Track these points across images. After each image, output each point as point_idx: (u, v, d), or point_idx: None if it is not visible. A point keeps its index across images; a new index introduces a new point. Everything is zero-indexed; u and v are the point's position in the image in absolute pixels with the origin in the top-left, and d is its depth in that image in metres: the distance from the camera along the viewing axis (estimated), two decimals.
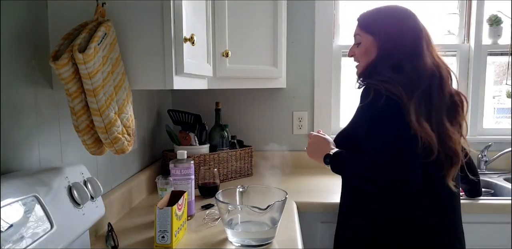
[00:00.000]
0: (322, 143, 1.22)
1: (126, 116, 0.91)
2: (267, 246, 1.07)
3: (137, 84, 0.93)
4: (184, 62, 0.96)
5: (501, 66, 2.14)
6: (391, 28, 1.13)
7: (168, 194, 1.16)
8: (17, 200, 0.68)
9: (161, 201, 1.09)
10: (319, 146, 1.21)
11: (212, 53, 1.39)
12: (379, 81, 1.03)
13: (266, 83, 1.81)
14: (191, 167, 1.29)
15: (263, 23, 1.71)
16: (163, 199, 1.12)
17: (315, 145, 1.23)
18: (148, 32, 0.91)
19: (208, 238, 1.13)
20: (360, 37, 1.18)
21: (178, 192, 1.16)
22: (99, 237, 1.13)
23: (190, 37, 0.96)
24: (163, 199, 1.12)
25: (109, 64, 0.85)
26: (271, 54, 1.76)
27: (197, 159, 1.67)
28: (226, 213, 1.07)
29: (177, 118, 1.80)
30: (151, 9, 0.90)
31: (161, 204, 1.06)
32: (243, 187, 1.19)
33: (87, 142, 0.88)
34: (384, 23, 1.15)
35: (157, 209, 1.02)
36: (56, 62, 0.78)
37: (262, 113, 2.11)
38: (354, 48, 1.21)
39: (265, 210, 1.01)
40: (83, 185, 0.88)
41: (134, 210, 1.39)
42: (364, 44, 1.17)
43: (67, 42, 0.84)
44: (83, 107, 0.84)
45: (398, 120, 0.99)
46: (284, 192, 1.12)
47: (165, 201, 1.12)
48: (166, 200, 1.12)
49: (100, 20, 0.86)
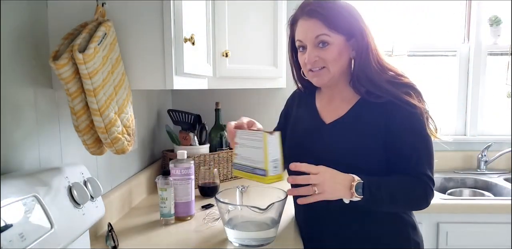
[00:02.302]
0: (337, 174, 0.92)
1: (126, 116, 0.91)
2: (267, 246, 1.07)
3: (137, 84, 0.93)
4: (184, 62, 0.96)
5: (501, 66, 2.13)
6: (361, 25, 1.00)
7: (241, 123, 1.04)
8: (17, 200, 0.68)
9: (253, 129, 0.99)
10: (335, 177, 0.91)
11: (212, 53, 1.39)
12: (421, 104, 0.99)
13: (266, 83, 1.81)
14: (191, 167, 1.29)
15: (263, 23, 1.71)
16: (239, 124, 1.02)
17: (332, 179, 0.91)
18: (148, 32, 0.91)
19: (208, 238, 1.13)
20: (329, 38, 0.99)
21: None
22: (99, 237, 1.13)
23: (190, 37, 0.96)
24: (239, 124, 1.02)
25: (109, 64, 0.85)
26: (271, 54, 1.76)
27: (197, 159, 1.67)
28: (226, 213, 1.07)
29: (177, 118, 1.80)
30: (151, 9, 0.90)
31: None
32: (243, 187, 1.19)
33: (87, 142, 0.88)
34: (354, 19, 1.00)
35: (268, 136, 0.89)
36: (56, 62, 0.78)
37: (262, 113, 2.11)
38: (316, 51, 1.00)
39: (265, 210, 1.01)
40: (83, 185, 0.88)
41: (134, 210, 1.39)
42: (337, 46, 0.99)
43: (67, 42, 0.84)
44: (83, 107, 0.84)
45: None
46: (284, 192, 1.12)
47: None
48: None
49: (100, 20, 0.86)
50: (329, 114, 1.10)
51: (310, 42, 1.01)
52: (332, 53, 1.00)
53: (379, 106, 1.00)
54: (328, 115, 1.10)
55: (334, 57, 1.00)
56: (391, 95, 0.98)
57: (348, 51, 1.02)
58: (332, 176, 0.90)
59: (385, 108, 1.00)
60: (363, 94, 1.03)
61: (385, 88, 0.99)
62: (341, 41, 1.00)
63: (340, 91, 1.09)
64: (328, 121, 1.09)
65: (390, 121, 0.99)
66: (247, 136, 0.98)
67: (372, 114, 1.01)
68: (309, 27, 1.00)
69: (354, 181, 0.90)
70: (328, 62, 1.01)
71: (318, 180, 0.89)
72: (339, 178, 0.91)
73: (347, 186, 0.90)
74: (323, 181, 0.89)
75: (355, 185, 0.90)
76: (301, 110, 1.19)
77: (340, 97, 1.09)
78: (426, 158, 1.00)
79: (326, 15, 0.98)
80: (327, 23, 0.98)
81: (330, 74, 1.02)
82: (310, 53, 1.01)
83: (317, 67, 1.02)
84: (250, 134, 0.97)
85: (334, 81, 1.05)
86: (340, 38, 1.00)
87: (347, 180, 0.91)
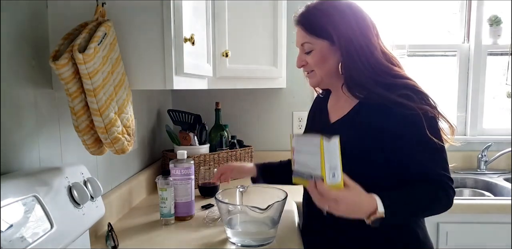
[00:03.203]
0: (356, 203, 0.87)
1: (126, 116, 0.91)
2: (267, 246, 1.07)
3: (137, 84, 0.93)
4: (184, 62, 0.96)
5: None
6: (347, 28, 0.98)
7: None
8: (17, 200, 0.68)
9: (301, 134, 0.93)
10: (355, 206, 0.87)
11: (212, 53, 1.39)
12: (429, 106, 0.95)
13: (266, 83, 1.81)
14: (191, 167, 1.29)
15: (263, 23, 1.71)
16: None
17: (349, 208, 0.87)
18: (148, 32, 0.91)
19: (208, 238, 1.13)
20: (311, 45, 1.02)
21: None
22: (99, 237, 1.13)
23: (190, 37, 0.96)
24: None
25: (109, 64, 0.85)
26: (271, 54, 1.76)
27: (197, 159, 1.67)
28: (226, 213, 1.07)
29: (177, 118, 1.80)
30: (151, 9, 0.90)
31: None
32: (243, 187, 1.19)
33: (87, 142, 0.88)
34: (337, 22, 0.99)
35: (325, 141, 0.83)
36: (56, 62, 0.78)
37: (262, 113, 2.11)
38: (304, 56, 1.05)
39: (265, 210, 1.01)
40: (83, 185, 0.88)
41: (134, 210, 1.39)
42: (319, 51, 1.01)
43: (67, 42, 0.84)
44: (83, 107, 0.84)
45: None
46: (284, 192, 1.12)
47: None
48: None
49: (100, 20, 0.86)
50: (335, 113, 1.11)
51: (300, 48, 1.07)
52: (315, 58, 1.03)
53: (374, 109, 0.98)
54: (334, 114, 1.11)
55: (316, 62, 1.03)
56: (385, 99, 0.96)
57: (335, 55, 1.01)
58: (350, 205, 0.85)
59: (379, 111, 0.97)
60: (357, 97, 1.02)
61: (377, 92, 0.96)
62: (324, 45, 1.01)
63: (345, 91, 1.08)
64: (333, 120, 1.10)
65: (385, 124, 0.96)
66: (303, 141, 0.93)
67: (367, 117, 1.00)
68: (297, 35, 1.06)
69: (375, 215, 0.86)
70: (313, 66, 1.05)
71: (335, 209, 0.86)
72: (357, 207, 0.86)
73: (365, 214, 0.87)
74: (337, 209, 0.86)
75: (375, 217, 0.86)
76: (316, 113, 1.22)
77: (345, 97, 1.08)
78: (435, 158, 0.96)
79: (306, 23, 1.02)
80: (307, 30, 1.02)
81: (318, 78, 1.06)
82: (298, 58, 1.08)
83: (307, 71, 1.09)
84: (306, 139, 0.92)
85: (327, 83, 1.08)
86: (322, 43, 1.01)
87: (366, 210, 0.86)
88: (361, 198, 0.87)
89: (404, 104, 0.94)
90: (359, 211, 0.87)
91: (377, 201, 0.87)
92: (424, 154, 0.95)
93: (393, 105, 0.95)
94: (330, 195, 0.83)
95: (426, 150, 0.95)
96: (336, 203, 0.84)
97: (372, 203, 0.87)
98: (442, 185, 0.95)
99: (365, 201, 0.87)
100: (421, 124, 0.93)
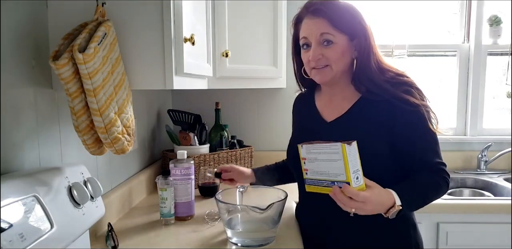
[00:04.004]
0: (380, 201, 0.92)
1: (126, 116, 0.91)
2: (267, 246, 1.07)
3: (137, 84, 0.93)
4: (184, 62, 0.96)
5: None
6: (363, 26, 1.02)
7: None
8: (17, 200, 0.68)
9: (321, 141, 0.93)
10: (378, 204, 0.92)
11: (212, 53, 1.39)
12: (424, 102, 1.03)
13: (266, 83, 1.81)
14: (191, 167, 1.29)
15: (263, 23, 1.71)
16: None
17: (374, 207, 0.91)
18: (148, 32, 0.91)
19: (208, 238, 1.13)
20: (333, 37, 1.00)
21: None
22: (99, 237, 1.13)
23: (190, 37, 0.96)
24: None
25: (109, 64, 0.85)
26: (271, 54, 1.76)
27: (197, 159, 1.67)
28: (226, 213, 1.07)
29: (177, 118, 1.80)
30: (151, 9, 0.90)
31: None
32: (243, 187, 1.19)
33: (87, 142, 0.88)
34: (357, 19, 1.02)
35: (347, 146, 0.86)
36: (56, 62, 0.78)
37: (262, 113, 2.11)
38: (321, 49, 1.01)
39: (265, 210, 1.01)
40: (83, 185, 0.88)
41: (134, 210, 1.39)
42: (341, 45, 1.01)
43: (67, 42, 0.84)
44: (83, 107, 0.84)
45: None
46: (284, 192, 1.12)
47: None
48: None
49: (100, 20, 0.86)
50: (330, 112, 1.10)
51: (315, 40, 1.02)
52: (336, 52, 1.01)
53: (379, 105, 1.02)
54: (329, 114, 1.11)
55: (337, 57, 1.01)
56: (390, 95, 1.01)
57: (351, 51, 1.03)
58: (375, 203, 0.90)
59: (385, 107, 1.02)
60: (364, 93, 1.05)
61: (384, 87, 1.01)
62: (345, 41, 1.02)
63: (341, 90, 1.09)
64: (329, 119, 1.09)
65: (391, 119, 1.01)
66: (318, 150, 0.93)
67: (373, 112, 1.03)
68: (315, 25, 1.01)
69: (394, 208, 0.91)
70: (332, 61, 1.02)
71: (362, 210, 0.90)
72: (380, 204, 0.91)
73: (385, 210, 0.92)
74: (364, 209, 0.90)
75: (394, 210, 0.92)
76: (302, 113, 1.21)
77: (341, 95, 1.10)
78: (434, 148, 1.04)
79: (331, 15, 1.00)
80: (332, 22, 1.00)
81: (333, 73, 1.03)
82: (314, 50, 1.02)
83: (320, 65, 1.03)
84: (322, 148, 0.92)
85: (336, 79, 1.06)
86: (343, 38, 1.01)
87: (387, 205, 0.92)
88: (382, 195, 0.92)
89: (408, 100, 1.00)
90: (381, 208, 0.92)
91: (394, 195, 0.93)
92: (426, 144, 1.03)
93: (398, 101, 1.01)
94: (359, 198, 0.87)
95: (427, 141, 1.03)
96: (364, 204, 0.88)
97: (390, 197, 0.92)
98: (440, 172, 1.03)
99: (385, 197, 0.92)
100: (423, 118, 1.01)
